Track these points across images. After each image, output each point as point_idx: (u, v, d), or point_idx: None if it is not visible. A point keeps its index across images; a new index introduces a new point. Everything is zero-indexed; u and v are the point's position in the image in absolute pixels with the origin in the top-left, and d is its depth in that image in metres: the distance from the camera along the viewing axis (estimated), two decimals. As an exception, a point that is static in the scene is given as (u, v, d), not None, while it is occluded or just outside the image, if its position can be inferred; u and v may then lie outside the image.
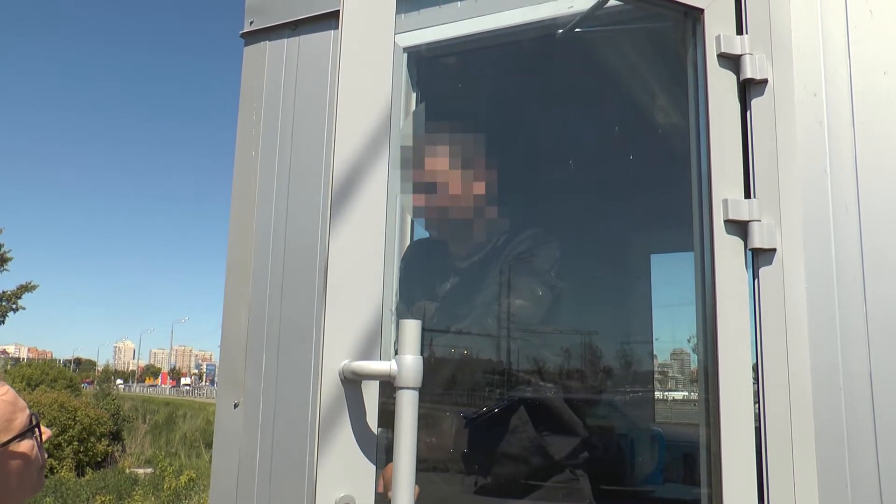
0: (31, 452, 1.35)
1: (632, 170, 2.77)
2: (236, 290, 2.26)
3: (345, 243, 1.38)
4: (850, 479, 1.54)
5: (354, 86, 1.44)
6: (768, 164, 1.69)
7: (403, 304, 2.20)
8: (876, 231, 1.60)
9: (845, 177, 1.64)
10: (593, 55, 2.43)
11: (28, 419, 1.36)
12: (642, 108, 2.71)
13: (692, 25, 1.81)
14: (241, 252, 2.27)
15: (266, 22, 2.36)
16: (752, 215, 1.66)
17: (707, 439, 1.66)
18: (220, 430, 2.21)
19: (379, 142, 1.43)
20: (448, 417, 2.08)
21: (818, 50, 1.72)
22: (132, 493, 17.89)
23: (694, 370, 3.35)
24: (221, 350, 2.29)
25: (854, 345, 1.58)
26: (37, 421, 1.39)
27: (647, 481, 2.94)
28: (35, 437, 1.37)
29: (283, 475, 2.06)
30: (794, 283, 1.64)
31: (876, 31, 1.68)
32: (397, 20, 1.50)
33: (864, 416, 1.55)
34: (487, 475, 2.09)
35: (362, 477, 1.31)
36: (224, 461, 2.18)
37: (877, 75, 1.66)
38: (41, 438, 1.40)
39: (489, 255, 2.16)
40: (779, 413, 1.59)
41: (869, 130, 1.64)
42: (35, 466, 1.36)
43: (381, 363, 1.29)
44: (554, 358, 2.30)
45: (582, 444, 2.08)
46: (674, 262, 3.45)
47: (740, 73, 1.73)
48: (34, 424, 1.37)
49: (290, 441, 2.07)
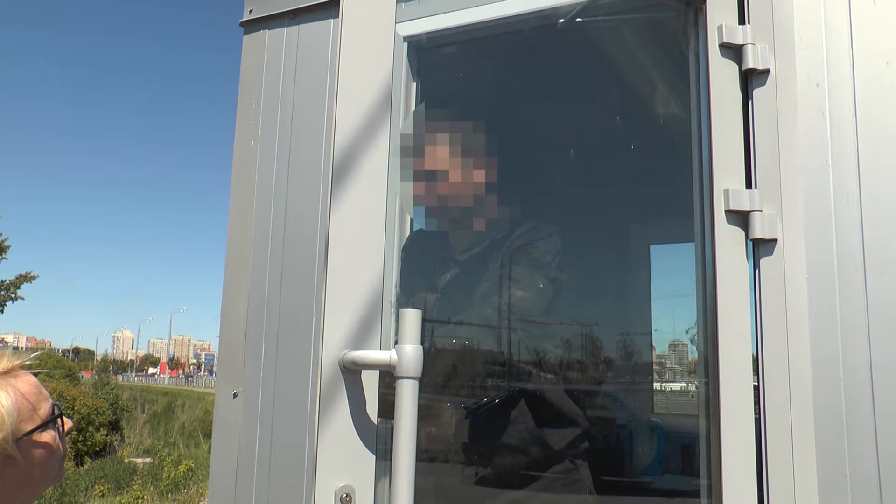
0: (54, 442, 1.35)
1: (632, 160, 2.76)
2: (235, 279, 2.26)
3: (345, 232, 1.37)
4: (849, 471, 1.54)
5: (354, 75, 1.43)
6: (770, 155, 1.68)
7: (403, 294, 2.20)
8: (877, 222, 1.60)
9: (847, 167, 1.63)
10: (594, 45, 2.41)
11: (51, 409, 1.36)
12: (643, 98, 2.70)
13: (694, 15, 1.80)
14: (241, 241, 2.27)
15: (265, 10, 2.35)
16: (754, 205, 1.65)
17: (707, 430, 1.66)
18: (220, 420, 2.21)
19: (379, 131, 1.43)
20: (448, 408, 2.08)
21: (821, 40, 1.71)
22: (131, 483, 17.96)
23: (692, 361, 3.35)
24: (221, 340, 2.28)
25: (854, 336, 1.57)
26: (59, 411, 1.39)
27: (645, 472, 2.95)
28: (57, 427, 1.38)
29: (283, 465, 2.06)
30: (795, 274, 1.63)
31: (879, 20, 1.67)
32: (398, 9, 1.50)
33: (864, 407, 1.55)
34: (487, 466, 2.10)
35: (362, 467, 1.31)
36: (223, 451, 2.18)
37: (880, 65, 1.65)
38: (63, 428, 1.40)
39: (490, 246, 2.15)
40: (779, 404, 1.59)
41: (871, 121, 1.64)
42: (57, 456, 1.37)
43: (382, 353, 1.29)
44: (553, 349, 2.30)
45: (581, 434, 2.08)
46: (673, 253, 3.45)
47: (742, 63, 1.72)
48: (57, 414, 1.38)
49: (289, 431, 2.07)
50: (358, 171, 1.40)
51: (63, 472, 1.42)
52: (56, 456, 1.36)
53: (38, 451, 1.31)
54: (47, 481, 1.35)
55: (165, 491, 17.36)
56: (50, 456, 1.34)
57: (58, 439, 1.37)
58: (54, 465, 1.36)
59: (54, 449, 1.35)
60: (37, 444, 1.31)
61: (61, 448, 1.38)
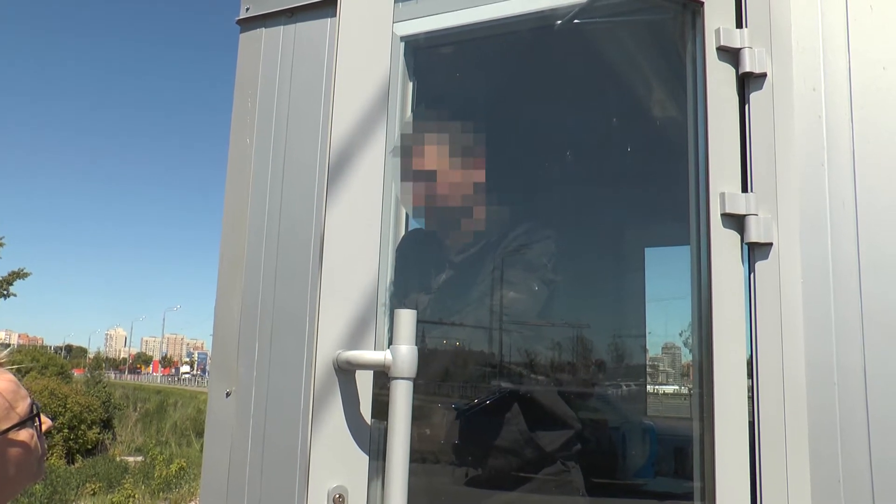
0: (31, 441, 1.34)
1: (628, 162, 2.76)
2: (229, 278, 2.25)
3: (340, 231, 1.37)
4: (842, 474, 1.54)
5: (351, 74, 1.43)
6: (766, 159, 1.69)
7: (398, 294, 2.19)
8: (873, 227, 1.60)
9: (843, 172, 1.64)
10: (592, 47, 2.41)
11: (29, 407, 1.35)
12: (640, 100, 2.70)
13: (692, 18, 1.80)
14: (235, 240, 2.26)
15: (262, 9, 2.34)
16: (749, 209, 1.65)
17: (700, 433, 1.66)
18: (212, 419, 2.20)
19: (375, 130, 1.42)
20: (440, 409, 2.08)
21: (818, 44, 1.71)
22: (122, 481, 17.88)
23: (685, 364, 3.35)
24: (214, 339, 2.27)
25: (849, 340, 1.58)
26: (38, 409, 1.38)
27: (638, 474, 2.94)
28: (35, 426, 1.36)
29: (275, 465, 2.05)
30: (790, 278, 1.64)
31: (876, 26, 1.68)
32: (395, 9, 1.49)
33: (857, 411, 1.55)
34: (479, 467, 2.09)
35: (355, 467, 1.31)
36: (215, 450, 2.17)
37: (876, 70, 1.66)
38: (41, 427, 1.38)
39: (485, 248, 2.15)
40: (773, 407, 1.59)
41: (868, 126, 1.64)
42: (35, 456, 1.35)
43: (376, 353, 1.28)
44: (547, 351, 2.30)
45: (574, 436, 2.08)
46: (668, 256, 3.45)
47: (739, 66, 1.72)
48: (35, 413, 1.36)
49: (282, 430, 2.06)
50: (353, 171, 1.40)
51: (42, 470, 1.40)
52: (34, 455, 1.34)
53: (14, 449, 1.30)
54: (24, 480, 1.33)
55: (157, 490, 17.30)
56: (27, 455, 1.32)
57: (36, 438, 1.35)
58: (32, 463, 1.34)
59: (31, 448, 1.33)
60: (13, 443, 1.30)
61: (40, 447, 1.37)
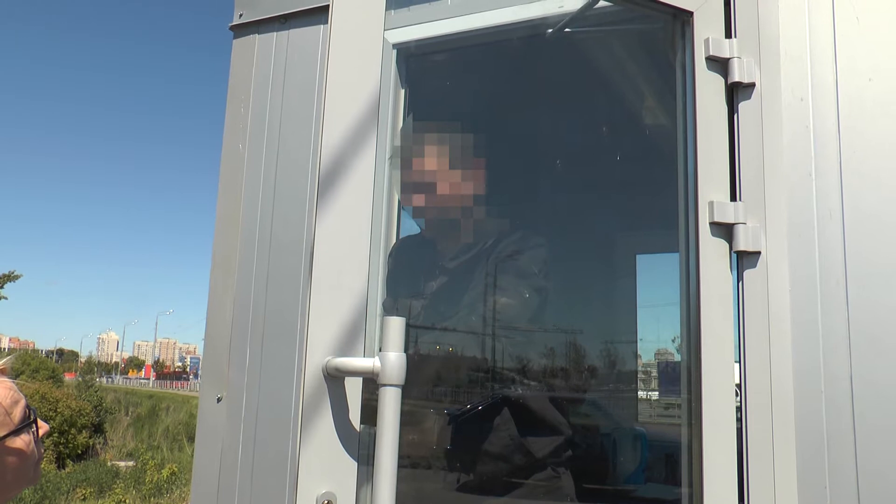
0: (28, 447, 1.34)
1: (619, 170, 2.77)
2: (221, 283, 2.25)
3: (331, 238, 1.38)
4: (829, 482, 1.55)
5: (343, 81, 1.43)
6: (754, 168, 1.70)
7: (390, 300, 2.20)
8: (860, 235, 1.61)
9: (830, 182, 1.65)
10: (582, 55, 2.43)
11: (26, 413, 1.35)
12: (630, 109, 2.71)
13: (681, 28, 1.81)
14: (227, 245, 2.26)
15: (256, 15, 2.35)
16: (738, 218, 1.66)
17: (689, 439, 1.67)
18: (203, 424, 2.20)
19: (366, 137, 1.43)
20: (431, 415, 2.08)
21: (805, 55, 1.73)
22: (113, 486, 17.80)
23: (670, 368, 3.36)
24: (206, 343, 2.27)
25: (836, 348, 1.59)
26: (35, 415, 1.38)
27: (629, 480, 2.95)
28: (32, 431, 1.36)
29: (266, 470, 2.05)
30: (778, 286, 1.65)
31: (862, 37, 1.69)
32: (387, 16, 1.50)
33: (844, 419, 1.56)
34: (470, 473, 2.10)
35: (344, 473, 1.31)
36: (206, 455, 2.17)
37: (863, 81, 1.67)
38: (38, 432, 1.39)
39: (478, 255, 2.16)
40: (760, 414, 1.60)
41: (854, 136, 1.66)
42: (31, 461, 1.35)
43: (365, 360, 1.29)
44: (539, 357, 2.30)
45: (565, 442, 2.09)
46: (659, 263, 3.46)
47: (728, 76, 1.74)
48: (32, 419, 1.36)
49: (272, 436, 2.06)
50: (345, 178, 1.41)
51: (38, 474, 1.41)
52: (31, 460, 1.35)
53: (11, 456, 1.30)
54: (21, 485, 1.34)
55: (148, 494, 17.22)
56: (24, 460, 1.33)
57: (32, 444, 1.35)
58: (29, 468, 1.35)
59: (28, 454, 1.34)
60: (10, 450, 1.30)
61: (36, 452, 1.37)
